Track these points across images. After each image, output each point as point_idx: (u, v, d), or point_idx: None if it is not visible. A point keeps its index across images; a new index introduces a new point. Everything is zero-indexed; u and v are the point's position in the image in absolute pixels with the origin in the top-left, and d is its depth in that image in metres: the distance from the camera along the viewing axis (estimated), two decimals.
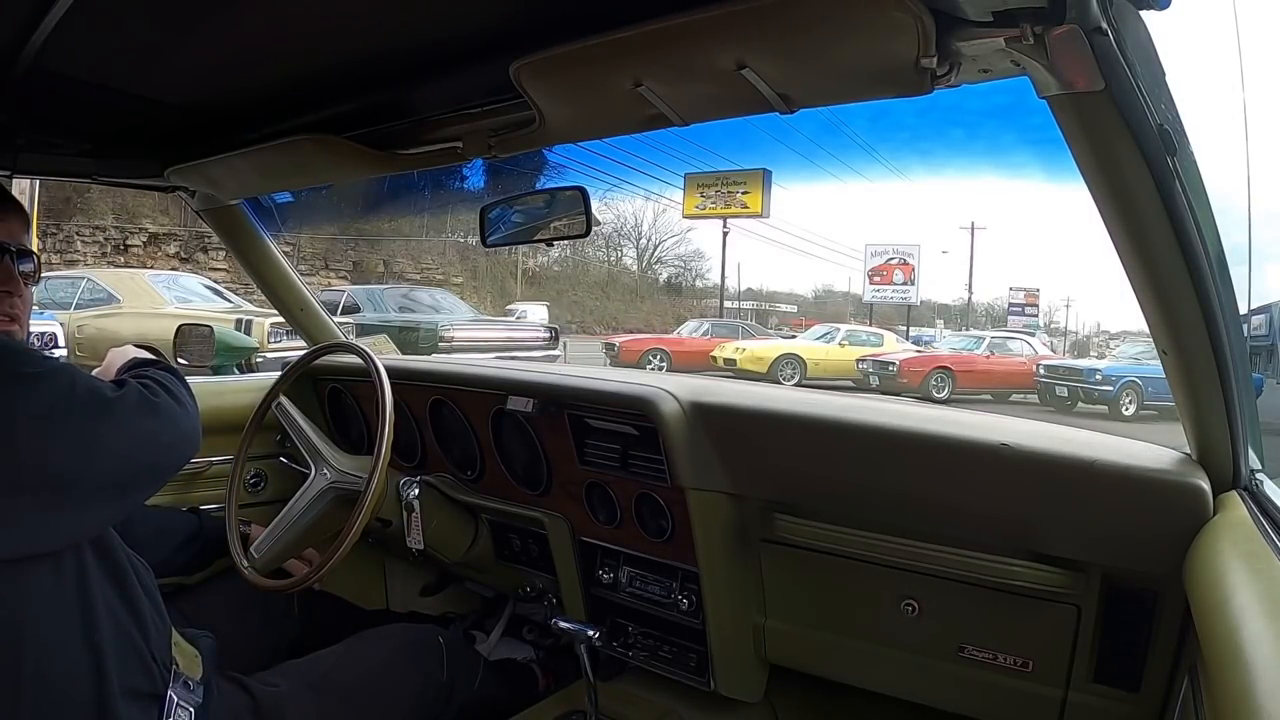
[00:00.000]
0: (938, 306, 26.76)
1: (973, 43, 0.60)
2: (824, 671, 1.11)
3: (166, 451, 0.84)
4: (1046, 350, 15.29)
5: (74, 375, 0.76)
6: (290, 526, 1.24)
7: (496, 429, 1.33)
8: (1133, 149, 0.62)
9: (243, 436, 1.36)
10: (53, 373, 0.75)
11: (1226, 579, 0.63)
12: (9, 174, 1.25)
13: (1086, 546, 0.86)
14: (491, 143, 0.96)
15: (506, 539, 1.39)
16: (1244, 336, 0.81)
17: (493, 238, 1.21)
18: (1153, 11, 0.56)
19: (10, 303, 0.90)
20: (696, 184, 19.61)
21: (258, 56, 0.91)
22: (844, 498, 1.01)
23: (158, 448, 0.82)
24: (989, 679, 0.95)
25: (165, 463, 0.86)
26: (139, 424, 0.80)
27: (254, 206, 1.47)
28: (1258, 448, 0.83)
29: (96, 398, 0.77)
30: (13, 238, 0.90)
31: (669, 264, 27.94)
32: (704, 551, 1.10)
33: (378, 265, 17.97)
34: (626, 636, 1.24)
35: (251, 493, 1.54)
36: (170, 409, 0.84)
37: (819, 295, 30.74)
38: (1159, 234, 0.67)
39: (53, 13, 0.75)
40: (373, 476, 1.16)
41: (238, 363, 6.58)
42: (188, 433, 0.87)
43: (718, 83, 0.71)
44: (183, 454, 0.88)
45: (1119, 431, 1.02)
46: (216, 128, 1.14)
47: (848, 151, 23.44)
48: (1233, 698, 0.47)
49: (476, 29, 0.81)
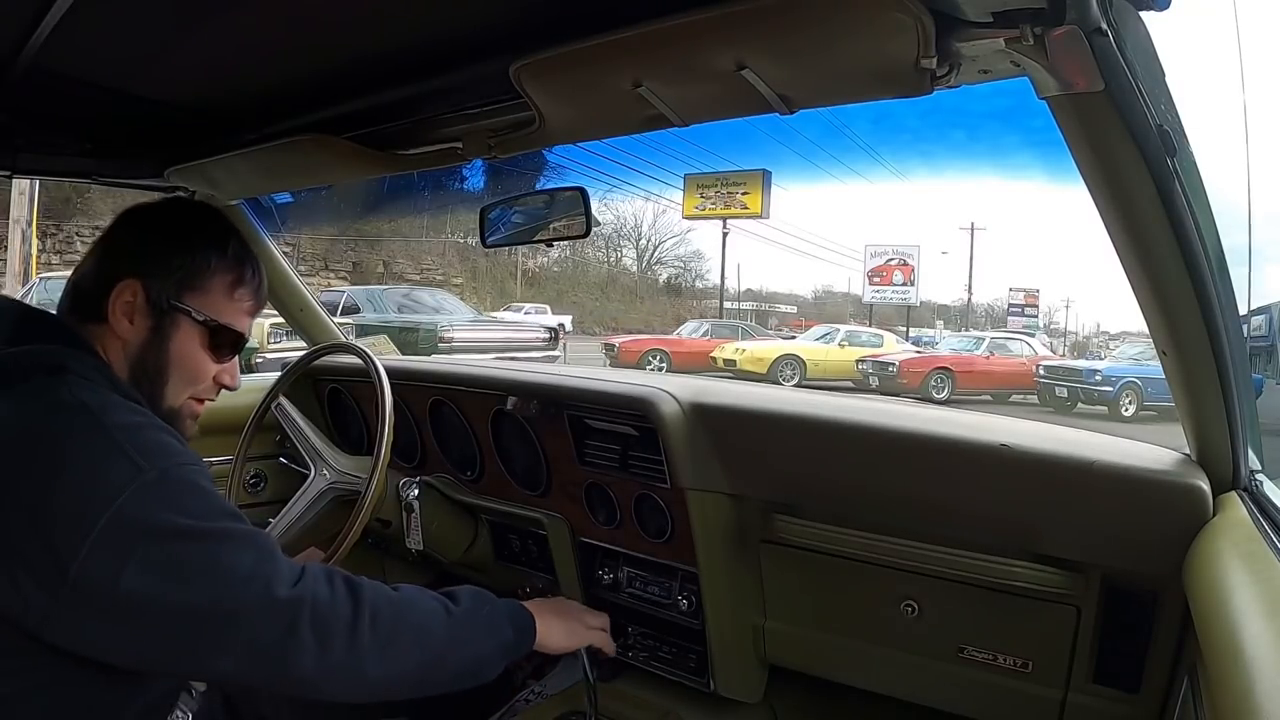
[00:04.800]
0: (937, 307, 26.81)
1: (972, 43, 0.60)
2: (824, 672, 1.11)
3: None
4: (1046, 351, 15.30)
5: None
6: (290, 527, 1.24)
7: (496, 429, 1.33)
8: (1132, 150, 0.62)
9: (242, 437, 1.36)
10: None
11: (1226, 579, 0.63)
12: (9, 174, 1.25)
13: (1086, 547, 0.86)
14: (491, 143, 0.96)
15: (506, 539, 1.39)
16: (1244, 337, 0.81)
17: (493, 238, 1.21)
18: (1152, 12, 0.56)
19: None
20: (696, 185, 19.64)
21: (258, 57, 0.91)
22: (844, 498, 1.01)
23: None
24: (989, 679, 0.95)
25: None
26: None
27: (254, 207, 1.47)
28: (1257, 448, 0.83)
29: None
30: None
31: (669, 265, 28.01)
32: (704, 552, 1.10)
33: (377, 266, 17.98)
34: (626, 637, 1.24)
35: (251, 493, 1.54)
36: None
37: (819, 296, 30.81)
38: (1159, 234, 0.67)
39: (52, 12, 0.75)
40: (372, 477, 1.16)
41: None
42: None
43: (718, 83, 0.71)
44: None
45: (1119, 432, 1.02)
46: (216, 128, 1.14)
47: (848, 152, 23.53)
48: (1232, 698, 0.47)
49: (476, 29, 0.81)
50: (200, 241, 0.82)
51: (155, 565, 0.66)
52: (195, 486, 0.70)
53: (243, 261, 0.84)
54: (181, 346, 0.81)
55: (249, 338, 0.86)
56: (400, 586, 0.83)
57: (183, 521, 0.67)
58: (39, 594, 0.64)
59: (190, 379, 0.82)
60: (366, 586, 0.78)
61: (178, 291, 0.80)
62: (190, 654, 0.69)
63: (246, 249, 0.86)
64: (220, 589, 0.68)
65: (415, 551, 1.30)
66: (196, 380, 0.83)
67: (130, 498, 0.65)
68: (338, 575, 0.77)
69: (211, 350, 0.83)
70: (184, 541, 0.67)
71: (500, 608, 0.90)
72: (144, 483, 0.66)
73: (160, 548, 0.66)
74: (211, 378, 0.84)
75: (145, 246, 0.81)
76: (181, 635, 0.68)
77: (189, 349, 0.81)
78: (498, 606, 0.90)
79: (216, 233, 0.84)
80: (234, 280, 0.83)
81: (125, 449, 0.67)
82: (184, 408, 0.84)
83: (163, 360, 0.80)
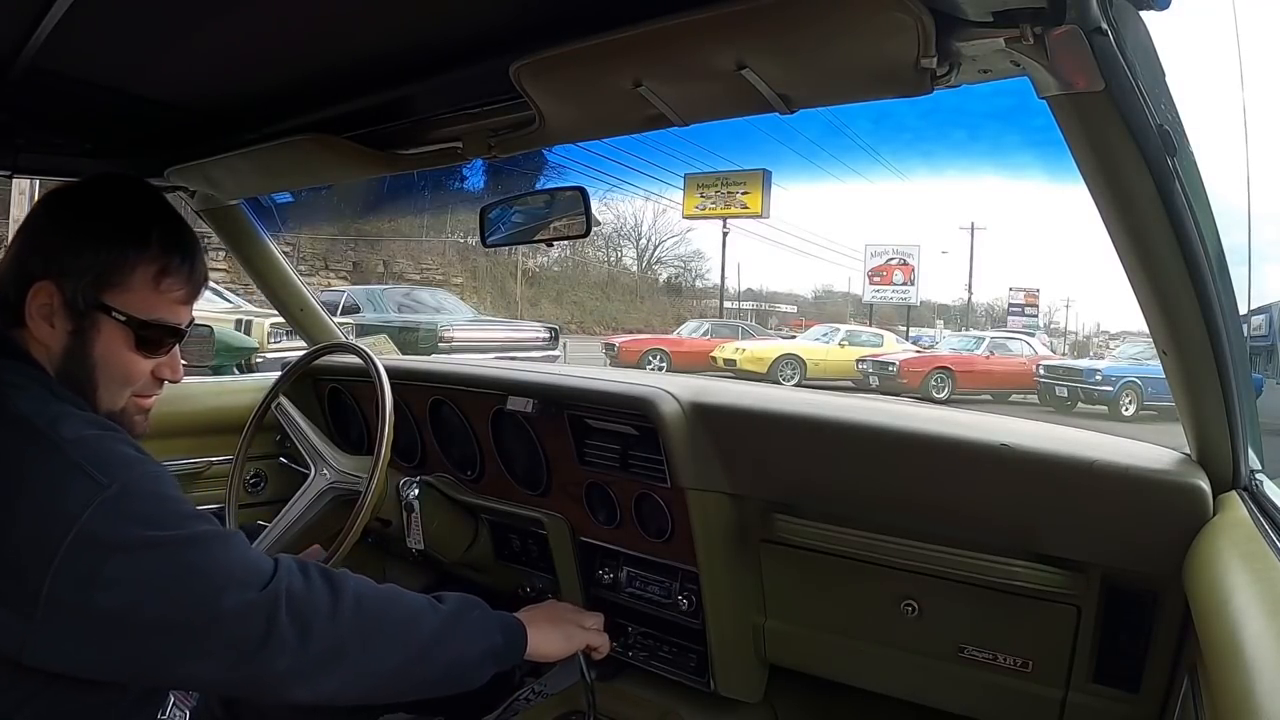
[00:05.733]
0: (937, 307, 26.76)
1: (972, 43, 0.60)
2: (824, 672, 1.11)
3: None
4: (1046, 350, 15.31)
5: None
6: (290, 527, 1.24)
7: (496, 429, 1.33)
8: (1132, 149, 0.62)
9: (242, 437, 1.36)
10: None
11: (1226, 579, 0.63)
12: (9, 174, 1.25)
13: (1086, 547, 0.86)
14: (491, 143, 0.96)
15: (506, 539, 1.39)
16: (1244, 336, 0.81)
17: (493, 238, 1.21)
18: (1152, 12, 0.56)
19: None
20: (696, 184, 19.61)
21: (257, 57, 0.91)
22: (844, 498, 1.01)
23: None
24: (989, 679, 0.95)
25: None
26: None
27: (254, 206, 1.48)
28: (1258, 448, 0.83)
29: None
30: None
31: (669, 264, 27.95)
32: (704, 552, 1.10)
33: (378, 265, 17.97)
34: (626, 637, 1.24)
35: (251, 493, 1.54)
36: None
37: (819, 296, 30.74)
38: (1159, 234, 0.67)
39: (52, 12, 0.75)
40: (372, 477, 1.16)
41: (237, 363, 6.59)
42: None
43: (717, 83, 0.71)
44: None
45: (1119, 432, 1.02)
46: (216, 128, 1.14)
47: (848, 152, 23.44)
48: (1233, 698, 0.47)
49: (476, 29, 0.81)
50: (116, 233, 0.75)
51: (127, 581, 0.64)
52: (158, 495, 0.68)
53: (169, 249, 0.77)
54: (106, 348, 0.75)
55: (185, 328, 0.80)
56: (386, 584, 0.82)
57: (149, 533, 0.66)
58: (13, 620, 0.62)
59: (122, 380, 0.77)
60: (348, 578, 0.77)
61: (95, 290, 0.74)
62: (173, 663, 0.68)
63: (176, 233, 0.78)
64: (195, 596, 0.67)
65: (415, 551, 1.30)
66: (129, 381, 0.78)
67: (93, 516, 0.64)
68: (313, 567, 0.75)
69: (140, 349, 0.77)
70: (153, 553, 0.66)
71: (491, 614, 0.88)
72: (105, 499, 0.65)
73: (130, 562, 0.65)
74: (149, 374, 0.79)
75: (58, 242, 0.74)
76: (162, 646, 0.67)
77: (114, 350, 0.75)
78: (488, 612, 0.88)
79: (136, 221, 0.76)
80: (159, 271, 0.76)
81: (82, 466, 0.65)
82: (127, 408, 0.79)
83: (89, 364, 0.75)
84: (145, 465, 0.70)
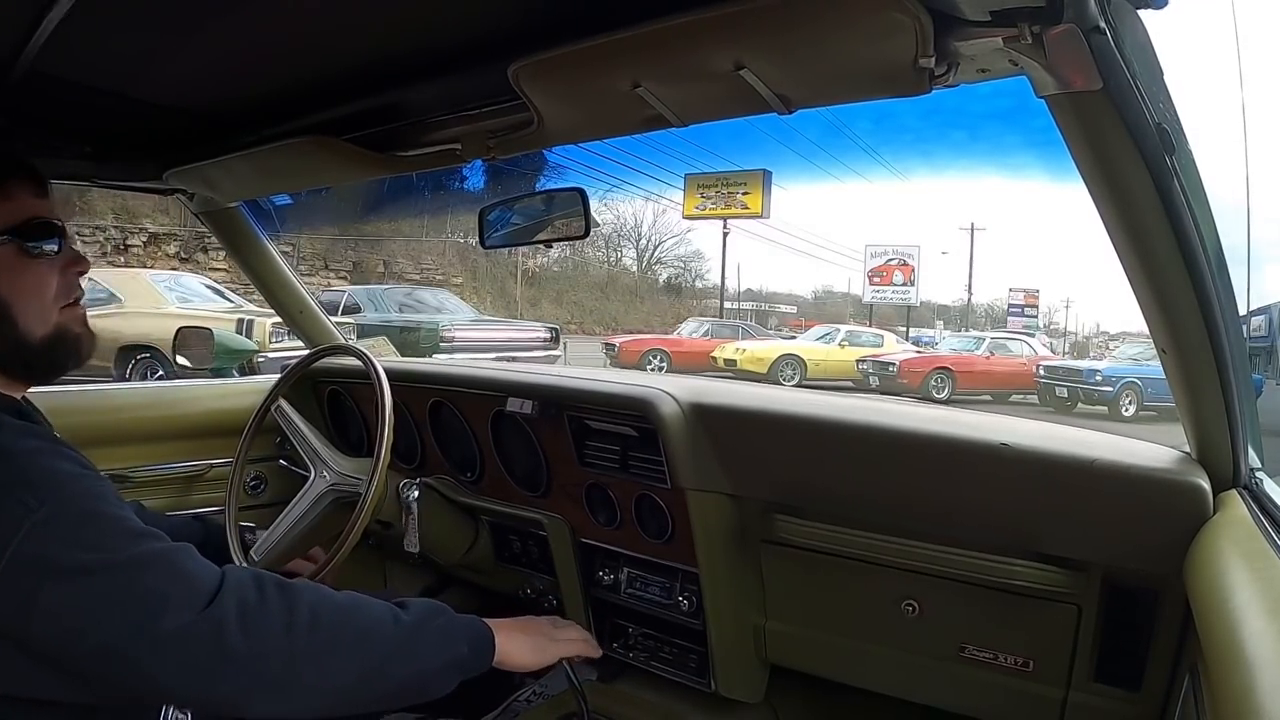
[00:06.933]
0: (937, 307, 26.78)
1: (970, 42, 0.60)
2: (825, 672, 1.11)
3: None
4: (1046, 351, 15.32)
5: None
6: (290, 529, 1.24)
7: (496, 431, 1.33)
8: (1131, 148, 0.62)
9: (242, 439, 1.36)
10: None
11: (1227, 578, 0.63)
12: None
13: (1086, 546, 0.86)
14: (490, 144, 0.96)
15: (506, 541, 1.39)
16: (1243, 336, 0.81)
17: (492, 239, 1.21)
18: (1150, 10, 0.56)
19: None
20: (697, 185, 19.62)
21: (256, 59, 0.91)
22: (844, 498, 1.01)
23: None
24: (989, 679, 0.95)
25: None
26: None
27: (253, 208, 1.48)
28: (1258, 447, 0.83)
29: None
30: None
31: (669, 264, 27.94)
32: (704, 552, 1.10)
33: (378, 266, 17.96)
34: (627, 638, 1.24)
35: (251, 495, 1.54)
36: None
37: (819, 296, 30.76)
38: (1158, 233, 0.67)
39: (51, 16, 0.75)
40: (372, 479, 1.16)
41: (238, 365, 6.58)
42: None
43: (716, 83, 0.71)
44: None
45: (1119, 432, 1.02)
46: (216, 130, 1.14)
47: (848, 152, 23.50)
48: (1233, 697, 0.47)
49: (475, 31, 0.81)
50: None
51: (64, 610, 0.63)
52: (92, 515, 0.66)
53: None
54: (3, 276, 0.74)
55: (52, 212, 0.78)
56: (345, 592, 0.80)
57: (84, 557, 0.64)
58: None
59: (36, 294, 0.75)
60: (305, 589, 0.75)
61: None
62: (121, 686, 0.67)
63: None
64: (132, 622, 0.65)
65: (415, 553, 1.30)
66: (43, 291, 0.76)
67: (25, 541, 0.62)
68: (267, 578, 0.74)
69: (32, 255, 0.75)
70: (87, 579, 0.64)
71: (457, 622, 0.85)
72: (35, 523, 0.63)
73: (65, 589, 0.63)
74: (58, 277, 0.77)
75: None
76: (108, 671, 0.65)
77: (11, 272, 0.74)
78: (454, 620, 0.85)
79: None
80: (1, 184, 0.75)
81: (10, 487, 0.64)
82: (62, 322, 0.77)
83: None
84: (77, 482, 0.67)
